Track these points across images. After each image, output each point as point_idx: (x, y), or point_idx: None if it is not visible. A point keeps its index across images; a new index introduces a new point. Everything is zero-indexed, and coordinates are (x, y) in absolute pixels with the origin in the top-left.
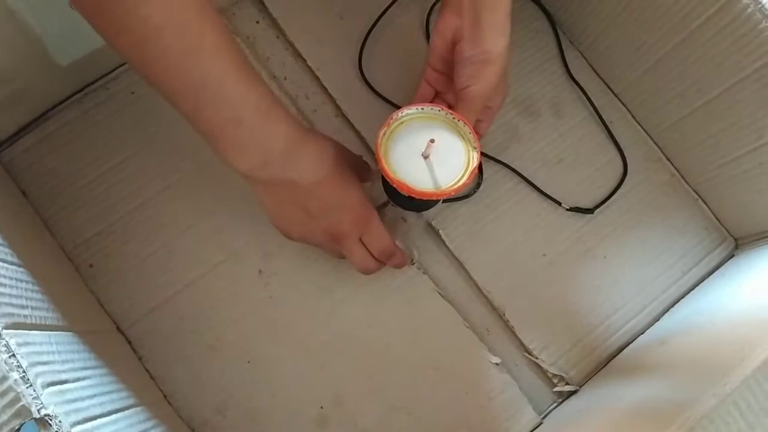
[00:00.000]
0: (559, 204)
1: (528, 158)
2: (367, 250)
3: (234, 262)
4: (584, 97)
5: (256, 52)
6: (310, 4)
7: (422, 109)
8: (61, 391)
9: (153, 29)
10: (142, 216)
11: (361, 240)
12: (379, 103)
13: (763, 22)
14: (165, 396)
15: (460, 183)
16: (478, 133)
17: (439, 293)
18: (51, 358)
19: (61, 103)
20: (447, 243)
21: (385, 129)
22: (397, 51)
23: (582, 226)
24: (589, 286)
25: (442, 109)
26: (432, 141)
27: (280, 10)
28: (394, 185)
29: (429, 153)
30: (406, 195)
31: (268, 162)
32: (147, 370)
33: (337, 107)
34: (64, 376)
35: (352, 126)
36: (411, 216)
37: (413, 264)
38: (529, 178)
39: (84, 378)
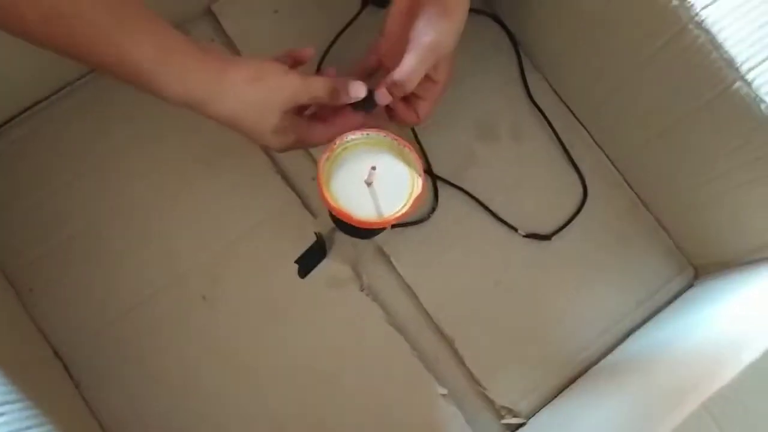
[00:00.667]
0: (516, 230)
1: (485, 182)
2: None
3: (178, 286)
4: (545, 121)
5: None
6: (267, 22)
7: (367, 135)
8: None
9: None
10: (87, 238)
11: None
12: None
13: (714, 53)
14: (102, 427)
15: (402, 211)
16: (419, 115)
17: (388, 321)
18: None
19: (7, 121)
20: (398, 269)
21: (327, 154)
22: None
23: (539, 252)
24: (543, 315)
25: (388, 135)
26: (374, 168)
27: (235, 28)
28: (334, 213)
29: (372, 180)
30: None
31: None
32: (84, 399)
33: None
34: None
35: (306, 150)
36: (361, 241)
37: (363, 290)
38: (486, 203)
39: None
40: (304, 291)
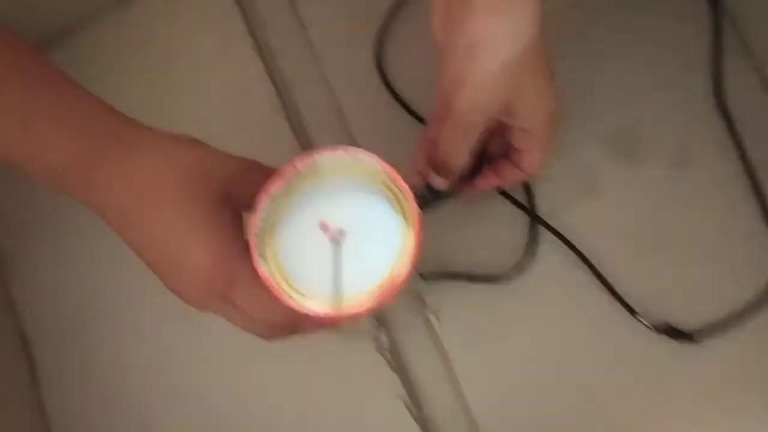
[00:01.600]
0: (637, 316)
1: (605, 229)
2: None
3: (160, 293)
4: (731, 137)
5: (252, 11)
6: None
7: (356, 158)
8: None
9: None
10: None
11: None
12: (391, 103)
13: None
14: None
15: (369, 300)
16: (527, 170)
17: (407, 405)
18: None
19: None
20: (440, 335)
21: (283, 182)
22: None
23: (671, 354)
24: None
25: (381, 165)
26: (323, 228)
27: None
28: (264, 283)
29: (339, 238)
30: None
31: (61, 180)
32: (40, 401)
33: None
34: None
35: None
36: None
37: (380, 353)
38: (598, 261)
39: None
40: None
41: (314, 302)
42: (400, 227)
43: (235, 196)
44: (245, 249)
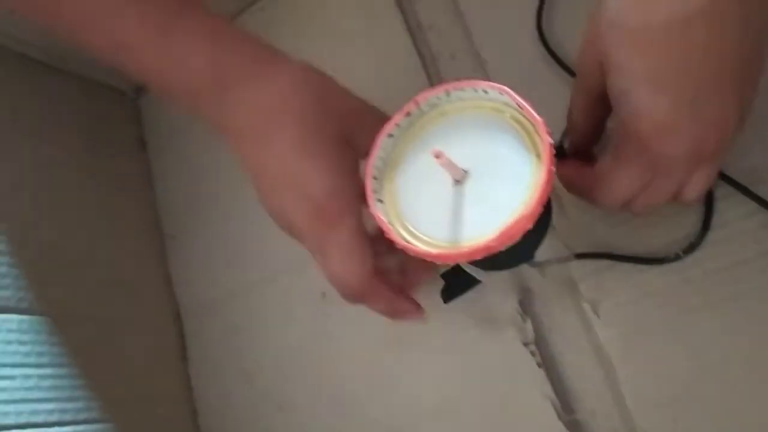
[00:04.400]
0: None
1: None
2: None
3: (298, 275)
4: None
5: None
6: None
7: (485, 91)
8: None
9: None
10: (239, 194)
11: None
12: (556, 76)
13: None
14: (195, 413)
15: (491, 239)
16: (683, 198)
17: (555, 407)
18: None
19: None
20: (595, 326)
21: (401, 119)
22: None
23: None
24: None
25: (512, 98)
26: (437, 156)
27: None
28: (378, 224)
29: (460, 177)
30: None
31: (195, 97)
32: (188, 376)
33: (488, 77)
34: None
35: None
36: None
37: (526, 345)
38: None
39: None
40: (443, 321)
41: (430, 245)
42: (529, 164)
43: (355, 139)
44: (360, 193)
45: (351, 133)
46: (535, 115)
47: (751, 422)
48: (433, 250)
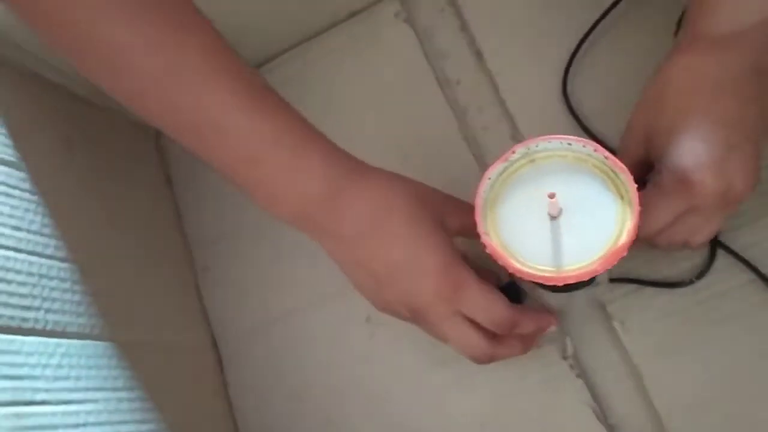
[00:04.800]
0: None
1: None
2: (472, 324)
3: (343, 299)
4: None
5: (431, 46)
6: None
7: (569, 145)
8: (20, 415)
9: (117, 52)
10: (269, 223)
11: (461, 313)
12: (573, 130)
13: None
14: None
15: (592, 265)
16: (693, 243)
17: (594, 412)
18: (35, 372)
19: None
20: (625, 343)
21: (502, 164)
22: (620, 64)
23: None
24: None
25: (598, 150)
26: (552, 196)
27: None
28: (488, 251)
29: (556, 212)
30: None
31: (306, 210)
32: (229, 402)
33: (515, 127)
34: (41, 396)
35: None
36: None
37: (566, 359)
38: None
39: (85, 401)
40: None
41: (536, 270)
42: (614, 203)
43: (445, 222)
44: (463, 262)
45: (442, 217)
46: (621, 164)
47: (760, 417)
48: (541, 273)
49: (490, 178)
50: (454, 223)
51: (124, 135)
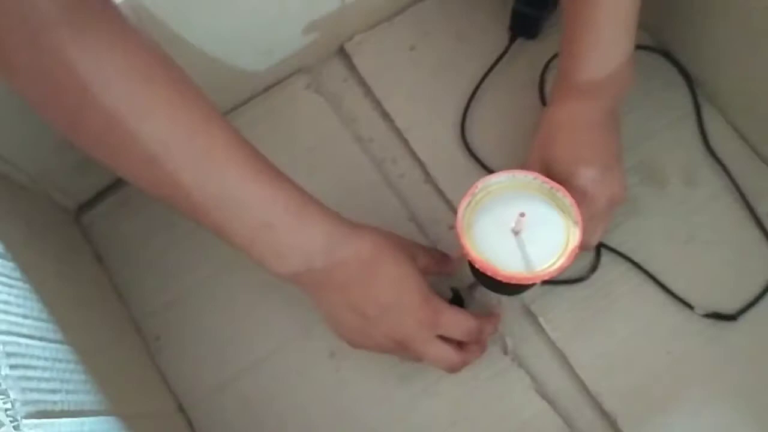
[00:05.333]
0: (690, 307)
1: (649, 236)
2: (447, 342)
3: (305, 340)
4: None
5: (341, 112)
6: (402, 60)
7: (514, 176)
8: None
9: (159, 144)
10: (214, 285)
11: (439, 336)
12: (476, 170)
13: None
14: None
15: (556, 266)
16: (589, 245)
17: (537, 391)
18: None
19: None
20: (548, 332)
21: (468, 199)
22: (504, 112)
23: (721, 329)
24: (731, 398)
25: (537, 177)
26: (522, 215)
27: (368, 67)
28: (477, 266)
29: (520, 228)
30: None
31: (309, 264)
32: None
33: (426, 172)
34: None
35: (442, 193)
36: (506, 297)
37: (506, 354)
38: (651, 261)
39: None
40: None
41: (510, 272)
42: (560, 217)
43: (421, 265)
44: (435, 294)
45: (414, 259)
46: (558, 185)
47: (655, 367)
48: (518, 274)
49: (467, 204)
50: (421, 262)
51: (47, 215)
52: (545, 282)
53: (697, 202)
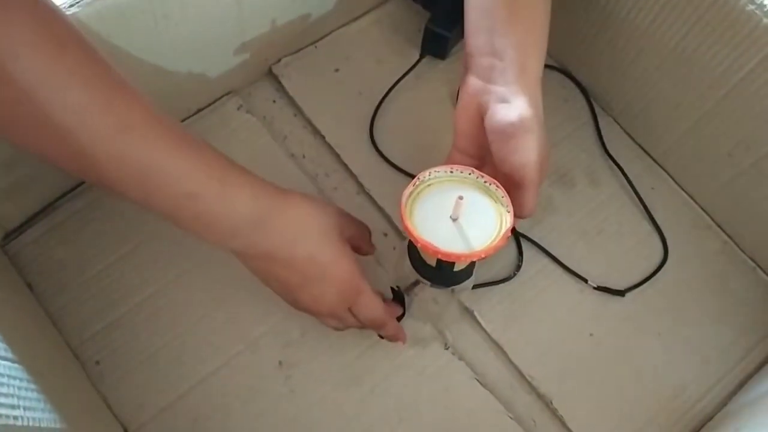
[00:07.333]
0: (586, 281)
1: (565, 231)
2: (355, 318)
3: (252, 352)
4: (621, 165)
5: (274, 131)
6: (327, 81)
7: (451, 171)
8: None
9: (74, 116)
10: (153, 307)
11: (350, 310)
12: (401, 178)
13: None
14: None
15: (493, 244)
16: (525, 208)
17: (478, 380)
18: None
19: (70, 191)
20: (483, 325)
21: (411, 189)
22: (408, 121)
23: (631, 301)
24: (644, 368)
25: (474, 172)
26: (460, 198)
27: (296, 88)
28: (420, 245)
29: (458, 214)
30: (434, 261)
31: (235, 232)
32: None
33: (359, 184)
34: None
35: (375, 202)
36: (443, 296)
37: (447, 349)
38: (567, 253)
39: None
40: (383, 351)
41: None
42: (492, 205)
43: (351, 239)
44: (361, 272)
45: (341, 228)
46: (492, 179)
47: (578, 345)
48: (457, 252)
49: (409, 194)
50: (348, 231)
51: None
52: (477, 285)
53: (601, 200)
